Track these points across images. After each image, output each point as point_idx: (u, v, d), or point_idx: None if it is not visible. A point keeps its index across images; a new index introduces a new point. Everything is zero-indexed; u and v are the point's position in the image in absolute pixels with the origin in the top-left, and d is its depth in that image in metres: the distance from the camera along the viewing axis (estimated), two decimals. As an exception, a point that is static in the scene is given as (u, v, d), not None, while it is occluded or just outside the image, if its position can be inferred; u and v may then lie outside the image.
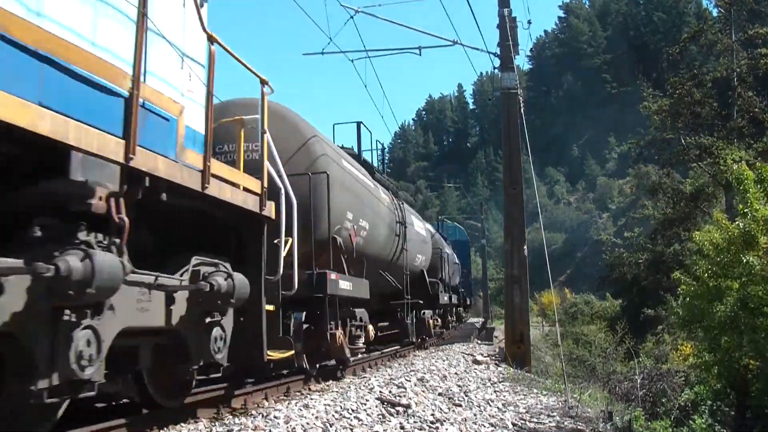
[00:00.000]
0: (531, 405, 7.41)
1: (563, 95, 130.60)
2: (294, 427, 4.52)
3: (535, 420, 6.44)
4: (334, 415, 5.05)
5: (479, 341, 18.84)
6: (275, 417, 4.75)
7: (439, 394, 7.14)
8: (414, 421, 5.39)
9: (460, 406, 6.61)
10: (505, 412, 6.75)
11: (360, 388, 6.74)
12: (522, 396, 8.16)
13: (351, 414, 5.22)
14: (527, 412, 6.90)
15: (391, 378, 7.67)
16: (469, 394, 7.50)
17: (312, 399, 5.82)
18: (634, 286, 31.66)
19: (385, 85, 16.48)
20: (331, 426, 4.75)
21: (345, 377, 8.22)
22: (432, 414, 5.80)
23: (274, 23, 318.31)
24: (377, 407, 5.66)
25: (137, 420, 4.46)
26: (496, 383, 9.15)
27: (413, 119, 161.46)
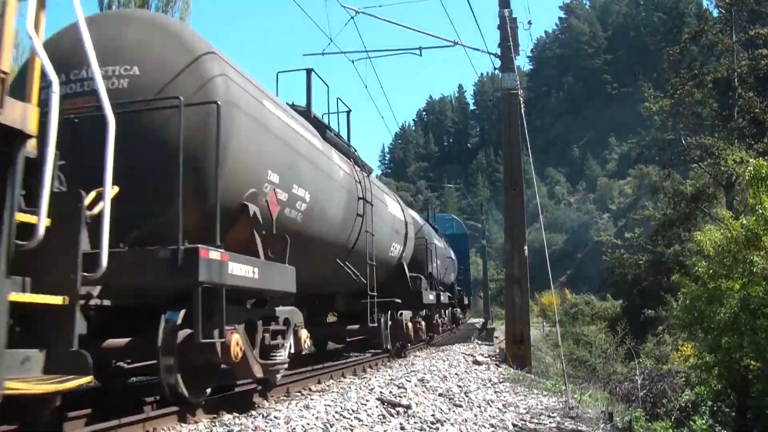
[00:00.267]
0: (531, 406, 7.40)
1: (564, 96, 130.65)
2: (294, 428, 4.52)
3: (536, 421, 6.43)
4: (334, 416, 5.05)
5: (479, 342, 18.82)
6: (275, 417, 4.75)
7: (440, 394, 7.14)
8: (414, 422, 5.39)
9: (460, 406, 6.61)
10: (506, 412, 6.75)
11: (360, 388, 6.74)
12: (522, 397, 8.16)
13: (351, 414, 5.22)
14: (528, 412, 6.90)
15: (392, 378, 7.67)
16: (470, 394, 7.50)
17: (312, 399, 5.82)
18: (634, 286, 31.66)
19: (386, 86, 16.45)
20: (332, 426, 4.75)
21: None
22: (432, 414, 5.79)
23: (274, 24, 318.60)
24: (377, 408, 5.66)
25: (137, 420, 4.45)
26: (496, 384, 9.14)
27: (414, 120, 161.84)
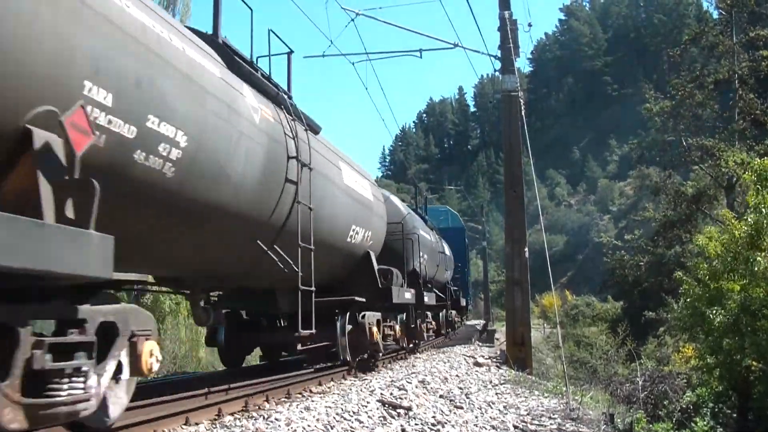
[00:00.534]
0: (532, 407, 7.39)
1: (564, 97, 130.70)
2: (295, 429, 4.52)
3: (537, 422, 6.42)
4: (335, 417, 5.04)
5: (480, 343, 18.83)
6: (276, 419, 4.74)
7: (441, 396, 7.13)
8: (415, 424, 5.38)
9: (461, 408, 6.60)
10: (507, 414, 6.74)
11: (361, 390, 6.73)
12: (523, 398, 8.14)
13: (352, 416, 5.21)
14: (528, 414, 6.89)
15: (392, 380, 7.66)
16: (471, 396, 7.49)
17: (313, 401, 5.82)
18: (635, 288, 31.63)
19: (386, 88, 16.46)
20: (332, 428, 4.74)
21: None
22: (433, 416, 5.79)
23: (274, 25, 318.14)
24: (378, 409, 5.65)
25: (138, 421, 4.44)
26: (497, 385, 9.13)
27: (414, 122, 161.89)
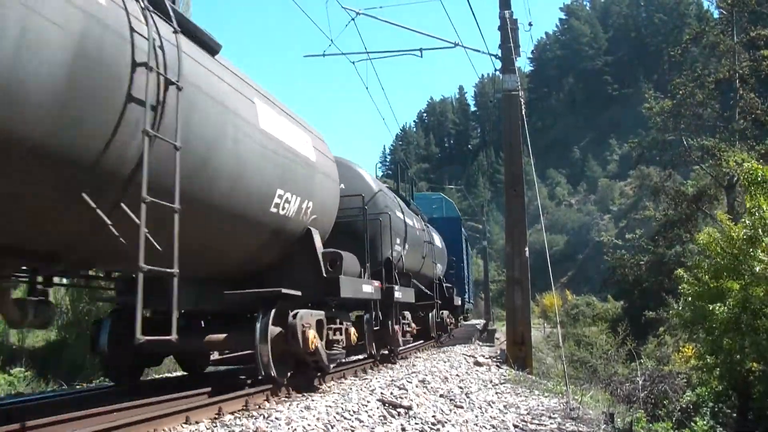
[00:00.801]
0: (532, 407, 7.40)
1: (564, 97, 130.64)
2: (295, 429, 4.52)
3: (537, 422, 6.43)
4: (335, 417, 5.05)
5: (480, 343, 18.82)
6: (276, 418, 4.74)
7: (441, 395, 7.14)
8: (415, 423, 5.39)
9: (461, 407, 6.60)
10: (507, 413, 6.74)
11: (361, 389, 6.74)
12: (523, 398, 8.15)
13: (352, 415, 5.22)
14: (528, 413, 6.89)
15: (393, 380, 7.67)
16: (471, 395, 7.50)
17: (313, 400, 5.82)
18: (635, 287, 31.66)
19: (387, 87, 16.47)
20: (333, 427, 4.75)
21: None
22: (433, 415, 5.79)
23: (275, 25, 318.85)
24: (378, 409, 5.65)
25: (138, 420, 4.45)
26: (497, 385, 9.14)
27: (414, 121, 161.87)
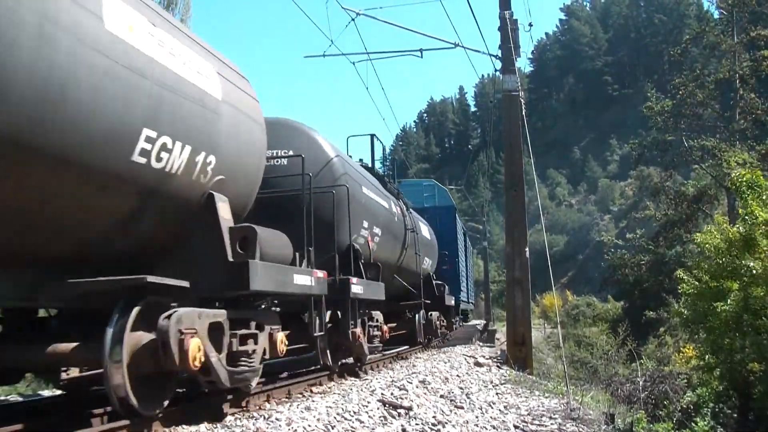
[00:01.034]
0: (533, 407, 7.39)
1: (564, 97, 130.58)
2: (296, 429, 4.52)
3: (537, 422, 6.42)
4: (335, 417, 5.04)
5: (481, 343, 18.82)
6: (277, 419, 4.74)
7: (441, 396, 7.13)
8: (416, 424, 5.38)
9: (461, 408, 6.60)
10: (507, 414, 6.74)
11: (362, 390, 6.74)
12: (524, 398, 8.15)
13: (353, 416, 5.22)
14: (529, 414, 6.89)
15: (393, 380, 7.67)
16: (471, 396, 7.49)
17: (314, 401, 5.82)
18: (635, 288, 31.63)
19: (387, 88, 16.55)
20: (333, 428, 4.75)
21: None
22: (434, 416, 5.79)
23: (275, 25, 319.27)
24: (379, 409, 5.65)
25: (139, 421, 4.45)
26: (497, 385, 9.13)
27: (414, 121, 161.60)
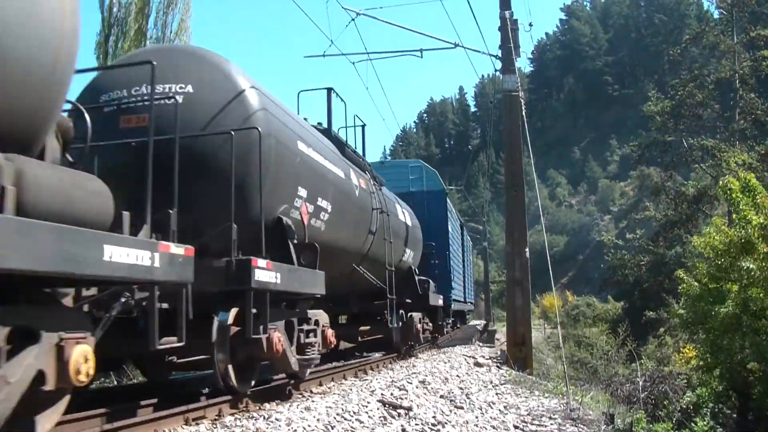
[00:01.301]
0: (533, 407, 7.40)
1: (564, 97, 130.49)
2: (295, 429, 4.53)
3: (537, 422, 6.43)
4: (335, 417, 5.05)
5: (481, 343, 18.83)
6: (277, 419, 4.75)
7: (441, 396, 7.14)
8: (416, 424, 5.39)
9: (461, 408, 6.61)
10: (507, 414, 6.75)
11: (362, 390, 6.75)
12: (524, 398, 8.15)
13: (352, 416, 5.22)
14: (529, 414, 6.90)
15: (393, 380, 7.67)
16: (471, 396, 7.50)
17: (314, 401, 5.83)
18: (635, 288, 31.63)
19: (387, 88, 16.50)
20: (333, 428, 4.75)
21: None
22: (433, 416, 5.79)
23: (275, 25, 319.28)
24: (379, 409, 5.66)
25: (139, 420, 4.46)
26: (497, 385, 9.14)
27: (415, 121, 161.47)
